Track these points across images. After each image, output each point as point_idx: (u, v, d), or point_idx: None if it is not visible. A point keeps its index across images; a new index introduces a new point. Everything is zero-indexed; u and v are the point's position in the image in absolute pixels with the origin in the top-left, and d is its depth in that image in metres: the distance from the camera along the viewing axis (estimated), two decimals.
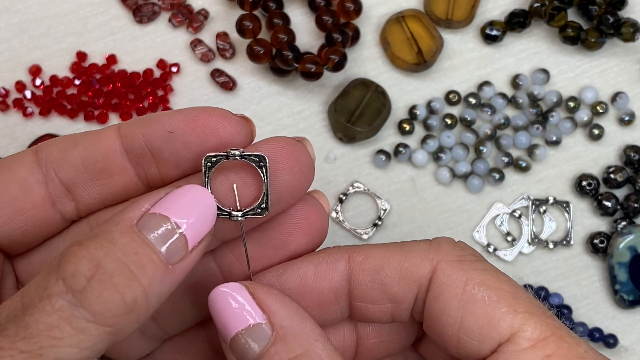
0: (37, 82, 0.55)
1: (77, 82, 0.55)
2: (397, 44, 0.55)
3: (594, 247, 0.53)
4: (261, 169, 0.33)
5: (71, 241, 0.30)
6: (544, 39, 0.56)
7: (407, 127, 0.55)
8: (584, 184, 0.54)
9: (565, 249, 0.54)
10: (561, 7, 0.54)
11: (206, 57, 0.55)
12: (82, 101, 0.55)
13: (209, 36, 0.56)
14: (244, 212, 0.33)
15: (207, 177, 0.33)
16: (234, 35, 0.54)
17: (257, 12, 0.54)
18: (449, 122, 0.55)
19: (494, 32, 0.55)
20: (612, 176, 0.54)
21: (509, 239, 0.54)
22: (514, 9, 0.55)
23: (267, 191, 0.33)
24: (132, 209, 0.31)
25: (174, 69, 0.55)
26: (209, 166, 0.33)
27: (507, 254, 0.54)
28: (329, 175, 0.54)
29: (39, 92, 0.55)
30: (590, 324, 0.53)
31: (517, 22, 0.55)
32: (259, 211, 0.33)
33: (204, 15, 0.56)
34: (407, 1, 0.56)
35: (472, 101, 0.55)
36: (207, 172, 0.33)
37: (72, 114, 0.55)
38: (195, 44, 0.55)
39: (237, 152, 0.33)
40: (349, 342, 0.37)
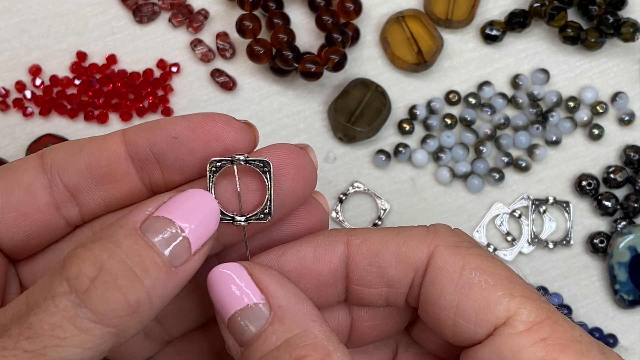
0: (37, 82, 0.55)
1: (77, 82, 0.55)
2: (397, 44, 0.55)
3: (593, 247, 0.54)
4: (265, 175, 0.33)
5: (74, 246, 0.30)
6: (544, 39, 0.56)
7: (407, 127, 0.55)
8: (584, 183, 0.54)
9: (565, 248, 0.54)
10: (561, 7, 0.54)
11: (206, 57, 0.55)
12: (82, 101, 0.55)
13: (209, 36, 0.56)
14: (247, 217, 0.33)
15: (211, 182, 0.33)
16: (234, 35, 0.54)
17: (257, 12, 0.54)
18: (449, 122, 0.55)
19: (494, 32, 0.55)
20: (612, 176, 0.54)
21: (509, 238, 0.54)
22: (514, 9, 0.55)
23: (270, 197, 0.33)
24: (136, 212, 0.31)
25: (174, 69, 0.55)
26: (213, 171, 0.33)
27: (507, 254, 0.54)
28: (329, 175, 0.54)
29: (39, 92, 0.55)
30: (590, 324, 0.53)
31: (517, 22, 0.55)
32: (262, 217, 0.33)
33: (204, 15, 0.56)
34: (407, 1, 0.56)
35: (472, 101, 0.55)
36: (212, 177, 0.33)
37: (72, 114, 0.55)
38: (195, 44, 0.55)
39: (242, 157, 0.33)
40: (343, 325, 0.37)
